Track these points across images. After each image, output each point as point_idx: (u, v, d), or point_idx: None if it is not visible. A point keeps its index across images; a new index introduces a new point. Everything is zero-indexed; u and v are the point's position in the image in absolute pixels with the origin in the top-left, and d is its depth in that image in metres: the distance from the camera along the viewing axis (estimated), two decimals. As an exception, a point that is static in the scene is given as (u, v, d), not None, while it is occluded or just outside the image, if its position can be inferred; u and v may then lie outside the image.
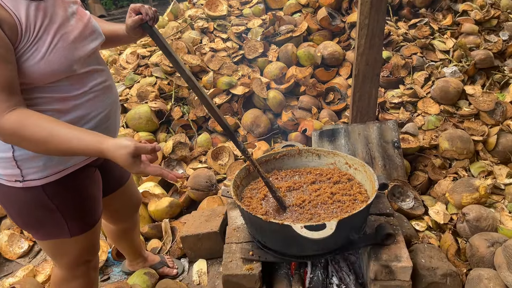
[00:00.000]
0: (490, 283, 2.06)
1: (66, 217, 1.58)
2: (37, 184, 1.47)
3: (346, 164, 2.33)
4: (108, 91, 1.60)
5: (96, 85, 1.52)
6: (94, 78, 1.52)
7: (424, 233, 2.66)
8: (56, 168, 1.49)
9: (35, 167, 1.45)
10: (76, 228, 1.63)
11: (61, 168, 1.50)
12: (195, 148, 3.72)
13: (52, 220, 1.57)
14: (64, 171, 1.52)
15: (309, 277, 2.23)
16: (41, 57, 1.30)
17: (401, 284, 2.02)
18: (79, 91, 1.45)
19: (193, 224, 2.74)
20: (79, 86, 1.46)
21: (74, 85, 1.44)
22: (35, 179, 1.47)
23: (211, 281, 2.56)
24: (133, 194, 2.17)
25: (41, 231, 1.61)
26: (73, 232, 1.62)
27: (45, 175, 1.47)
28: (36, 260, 2.93)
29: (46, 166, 1.46)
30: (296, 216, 1.98)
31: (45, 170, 1.46)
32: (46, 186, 1.49)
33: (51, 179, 1.49)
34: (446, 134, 3.22)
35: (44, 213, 1.55)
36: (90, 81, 1.50)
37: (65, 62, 1.36)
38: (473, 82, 3.76)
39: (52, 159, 1.46)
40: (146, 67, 4.20)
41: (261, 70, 4.19)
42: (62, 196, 1.55)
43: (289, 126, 3.74)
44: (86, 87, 1.48)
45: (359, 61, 2.87)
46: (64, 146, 1.27)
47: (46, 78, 1.34)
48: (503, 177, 3.02)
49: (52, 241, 1.64)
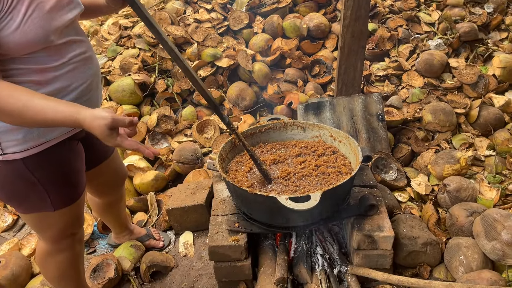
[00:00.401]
0: (468, 251, 2.13)
1: (48, 190, 1.57)
2: (17, 157, 1.45)
3: (331, 137, 2.35)
4: (88, 62, 1.56)
5: (75, 56, 1.48)
6: (73, 49, 1.48)
7: (406, 204, 2.72)
8: (36, 141, 1.46)
9: (14, 140, 1.42)
10: (59, 201, 1.62)
11: (42, 141, 1.48)
12: (180, 122, 3.69)
13: (34, 193, 1.56)
14: (44, 144, 1.50)
15: (294, 247, 2.28)
16: (16, 27, 1.26)
17: (383, 253, 2.07)
18: (57, 62, 1.42)
19: (179, 197, 2.75)
20: (58, 57, 1.42)
21: (52, 56, 1.40)
22: (15, 152, 1.44)
23: (197, 253, 2.59)
24: (118, 167, 2.16)
25: (24, 205, 1.60)
26: (56, 205, 1.62)
27: (25, 148, 1.45)
28: (21, 234, 2.92)
29: (26, 139, 1.44)
30: (281, 188, 2.00)
31: (25, 143, 1.44)
32: (26, 159, 1.47)
33: (31, 152, 1.47)
34: (430, 107, 3.26)
35: (25, 187, 1.53)
36: (68, 52, 1.46)
37: (41, 32, 1.32)
38: (457, 55, 3.78)
39: (32, 132, 1.44)
40: (128, 38, 4.10)
41: (247, 42, 4.14)
42: (44, 169, 1.54)
43: (274, 99, 3.73)
44: (65, 58, 1.45)
45: (345, 33, 2.85)
46: (39, 117, 1.25)
47: (21, 49, 1.30)
48: (483, 149, 3.08)
49: (35, 215, 1.63)
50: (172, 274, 2.46)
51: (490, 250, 2.06)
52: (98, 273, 2.34)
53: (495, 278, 1.89)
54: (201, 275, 2.42)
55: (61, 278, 1.92)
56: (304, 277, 2.13)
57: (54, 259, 1.82)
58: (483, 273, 1.95)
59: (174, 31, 3.88)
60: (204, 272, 2.43)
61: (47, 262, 1.84)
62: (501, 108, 3.29)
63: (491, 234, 2.07)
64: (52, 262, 1.83)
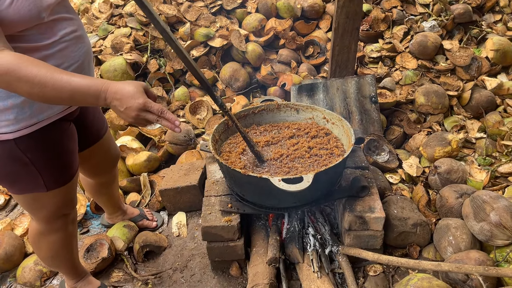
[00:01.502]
0: (457, 232, 2.17)
1: (40, 171, 1.57)
2: (9, 137, 1.44)
3: (324, 119, 2.35)
4: (79, 41, 1.54)
5: (66, 35, 1.46)
6: (63, 26, 1.46)
7: (398, 186, 2.75)
8: (28, 121, 1.45)
9: (6, 120, 1.41)
10: (52, 182, 1.62)
11: (34, 121, 1.47)
12: (172, 102, 3.67)
13: (26, 174, 1.55)
14: (36, 125, 1.49)
15: (286, 228, 2.30)
16: (8, 3, 1.24)
17: (373, 234, 2.11)
18: (49, 41, 1.40)
19: (172, 177, 2.76)
20: (49, 35, 1.40)
21: (43, 34, 1.38)
22: (6, 133, 1.43)
23: (190, 233, 2.61)
24: (111, 148, 2.15)
25: (17, 185, 1.59)
26: (49, 186, 1.61)
27: (17, 128, 1.44)
28: (13, 214, 2.92)
29: (18, 119, 1.42)
30: (274, 170, 2.01)
31: (16, 123, 1.43)
32: (18, 139, 1.46)
33: (23, 132, 1.46)
34: (422, 89, 3.26)
35: (18, 167, 1.53)
36: (59, 30, 1.44)
37: (33, 8, 1.30)
38: (451, 37, 3.77)
39: (24, 112, 1.42)
40: (120, 17, 4.03)
41: (240, 21, 4.08)
42: (36, 150, 1.53)
43: (268, 80, 3.71)
44: (56, 36, 1.43)
45: (339, 13, 2.82)
46: (61, 85, 1.21)
47: (15, 25, 1.29)
48: (474, 131, 3.11)
49: (28, 195, 1.63)
50: (165, 254, 2.48)
51: (479, 231, 2.10)
52: (91, 252, 2.36)
53: (483, 258, 1.93)
54: (194, 255, 2.44)
55: (54, 258, 1.93)
56: (296, 257, 2.16)
57: (47, 239, 1.82)
58: (471, 253, 1.99)
59: (166, 10, 3.82)
60: (197, 252, 2.46)
61: (40, 242, 1.85)
62: (493, 90, 3.30)
63: (480, 215, 2.11)
64: (45, 242, 1.84)
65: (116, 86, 1.25)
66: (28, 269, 2.32)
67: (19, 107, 1.41)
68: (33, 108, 1.44)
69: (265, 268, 2.08)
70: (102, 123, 2.01)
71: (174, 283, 2.28)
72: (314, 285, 2.02)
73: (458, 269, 1.76)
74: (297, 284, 2.16)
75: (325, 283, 2.02)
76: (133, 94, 1.26)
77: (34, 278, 2.31)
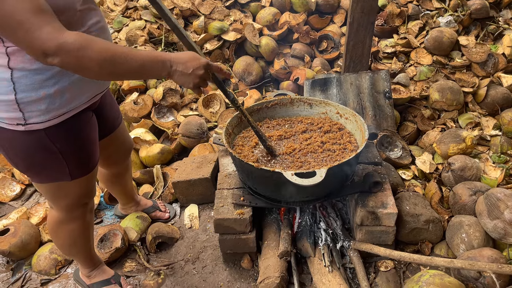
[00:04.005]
0: (470, 229, 2.15)
1: (67, 160, 1.60)
2: (40, 127, 1.47)
3: (337, 114, 2.35)
4: (103, 31, 1.57)
5: (93, 25, 1.49)
6: (90, 17, 1.49)
7: (410, 182, 2.74)
8: (58, 111, 1.48)
9: (37, 111, 1.43)
10: (77, 171, 1.66)
11: (63, 111, 1.49)
12: (185, 95, 3.69)
13: (54, 163, 1.58)
14: (65, 115, 1.51)
15: (298, 222, 2.31)
16: None
17: (385, 230, 2.10)
18: (79, 31, 1.41)
19: (184, 170, 2.78)
20: (79, 25, 1.43)
21: (73, 24, 1.40)
22: (37, 123, 1.46)
23: (202, 225, 2.64)
24: (125, 139, 2.19)
25: (43, 174, 1.63)
26: (74, 175, 1.65)
27: (48, 118, 1.46)
28: (29, 203, 2.97)
29: (49, 109, 1.45)
30: (286, 164, 2.01)
31: (47, 113, 1.45)
32: (48, 129, 1.49)
33: (53, 122, 1.49)
34: (437, 85, 3.23)
35: (46, 156, 1.56)
36: (87, 20, 1.47)
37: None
38: (467, 33, 3.72)
39: (55, 102, 1.45)
40: (135, 9, 4.06)
41: (254, 15, 4.08)
42: (64, 139, 1.56)
43: (281, 75, 3.71)
44: (85, 26, 1.45)
45: (354, 8, 2.80)
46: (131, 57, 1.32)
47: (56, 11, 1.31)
48: (489, 128, 3.07)
49: (53, 184, 1.66)
50: (178, 245, 2.51)
51: (492, 229, 2.09)
52: (105, 242, 2.39)
53: (496, 256, 1.92)
54: (206, 246, 2.46)
55: (72, 246, 1.98)
56: (308, 251, 2.17)
57: (66, 228, 1.86)
58: (484, 251, 1.98)
59: (180, 3, 3.83)
60: (209, 244, 2.48)
61: (59, 230, 1.89)
62: (510, 87, 3.26)
63: (493, 213, 2.09)
64: (64, 230, 1.88)
65: (177, 54, 1.44)
66: (43, 257, 2.37)
67: (51, 97, 1.43)
68: (64, 98, 1.47)
69: (276, 261, 2.09)
70: (117, 114, 2.04)
71: (186, 274, 2.30)
72: (325, 279, 2.02)
73: (471, 266, 1.75)
74: (308, 278, 2.18)
75: (336, 277, 2.03)
76: (195, 56, 1.47)
77: (49, 266, 2.35)
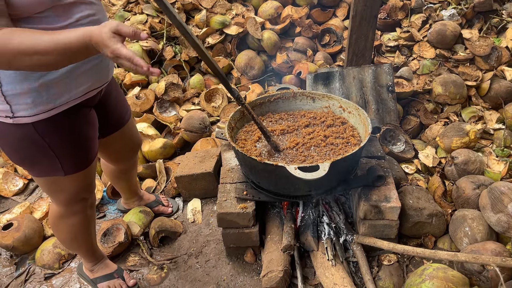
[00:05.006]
0: (474, 223, 2.15)
1: (58, 155, 1.59)
2: (28, 121, 1.46)
3: (340, 108, 2.34)
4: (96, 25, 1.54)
5: (83, 18, 1.46)
6: (80, 9, 1.45)
7: (413, 176, 2.73)
8: (45, 106, 1.47)
9: (24, 104, 1.43)
10: (70, 166, 1.65)
11: (51, 106, 1.48)
12: (187, 90, 3.68)
13: (45, 157, 1.58)
14: (54, 110, 1.50)
15: (301, 216, 2.31)
16: None
17: (389, 223, 2.10)
18: (64, 23, 1.40)
19: (187, 164, 2.78)
20: (65, 17, 1.40)
21: (60, 16, 1.38)
22: (25, 116, 1.45)
23: (205, 219, 2.64)
24: (133, 135, 2.17)
25: (36, 168, 1.63)
26: (67, 170, 1.64)
27: (35, 112, 1.46)
28: (32, 198, 2.98)
29: (36, 103, 1.44)
30: (289, 158, 2.01)
31: (34, 107, 1.44)
32: (36, 123, 1.49)
33: (41, 117, 1.48)
34: (440, 79, 3.22)
35: (36, 150, 1.55)
36: (76, 12, 1.44)
37: None
38: (470, 26, 3.70)
39: (41, 96, 1.44)
40: (136, 4, 4.04)
41: (256, 9, 4.06)
42: (54, 134, 1.55)
43: (283, 69, 3.69)
44: (72, 18, 1.42)
45: (357, 1, 2.78)
46: (52, 45, 1.21)
47: (32, 7, 1.29)
48: (493, 122, 3.06)
49: (48, 178, 1.66)
50: (181, 240, 2.51)
51: (496, 222, 2.08)
52: (108, 237, 2.40)
53: (500, 250, 1.92)
54: (209, 241, 2.47)
55: (73, 240, 1.98)
56: (311, 245, 2.17)
57: (66, 222, 1.86)
58: (488, 244, 1.98)
59: (182, -3, 3.81)
60: (212, 238, 2.48)
61: (60, 224, 1.89)
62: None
63: (497, 207, 2.08)
64: (64, 224, 1.88)
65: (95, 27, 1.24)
66: (46, 251, 2.38)
67: (37, 91, 1.42)
68: (51, 92, 1.45)
69: (279, 255, 2.09)
70: (125, 110, 2.03)
71: (189, 268, 2.31)
72: (328, 273, 2.03)
73: (475, 260, 1.75)
74: (311, 272, 2.18)
75: (339, 271, 2.03)
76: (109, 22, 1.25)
77: (53, 260, 2.36)
